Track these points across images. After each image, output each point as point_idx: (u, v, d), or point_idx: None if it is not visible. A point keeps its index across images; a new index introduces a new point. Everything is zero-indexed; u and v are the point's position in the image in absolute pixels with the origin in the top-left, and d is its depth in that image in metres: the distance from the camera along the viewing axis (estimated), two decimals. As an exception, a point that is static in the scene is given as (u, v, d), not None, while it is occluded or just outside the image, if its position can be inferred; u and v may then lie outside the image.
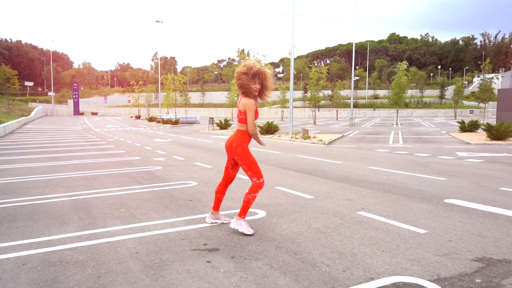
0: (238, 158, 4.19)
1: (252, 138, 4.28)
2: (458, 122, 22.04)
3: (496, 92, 38.23)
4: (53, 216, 5.07)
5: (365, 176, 7.90)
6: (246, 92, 4.15)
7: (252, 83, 4.12)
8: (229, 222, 4.50)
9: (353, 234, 4.16)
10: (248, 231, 4.18)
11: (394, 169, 8.85)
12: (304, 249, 3.74)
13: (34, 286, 3.05)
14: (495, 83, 36.03)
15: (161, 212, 5.17)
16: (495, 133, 15.52)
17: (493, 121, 21.71)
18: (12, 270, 3.35)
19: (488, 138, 15.94)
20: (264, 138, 19.39)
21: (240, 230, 4.20)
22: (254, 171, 4.19)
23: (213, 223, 4.57)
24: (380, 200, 5.71)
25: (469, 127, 20.76)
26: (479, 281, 3.02)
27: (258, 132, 4.48)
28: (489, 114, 47.90)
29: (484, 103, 35.90)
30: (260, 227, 4.46)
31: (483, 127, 16.71)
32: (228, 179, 4.48)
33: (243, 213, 4.25)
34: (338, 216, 4.86)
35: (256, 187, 4.19)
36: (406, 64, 36.13)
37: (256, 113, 4.19)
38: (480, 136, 17.56)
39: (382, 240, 3.96)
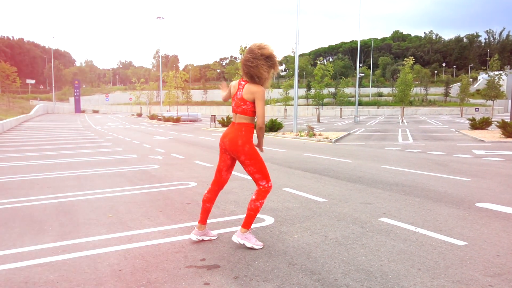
0: (246, 157, 3.43)
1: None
2: (468, 120, 21.28)
3: (503, 89, 37.40)
4: (31, 222, 4.43)
5: (380, 176, 7.23)
6: (257, 77, 3.42)
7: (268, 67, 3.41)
8: (216, 238, 3.77)
9: (379, 247, 3.50)
10: (257, 245, 3.49)
11: (411, 168, 8.17)
12: (323, 266, 3.09)
13: (-15, 317, 2.41)
14: (503, 79, 35.19)
15: (153, 218, 4.52)
16: (511, 130, 14.79)
17: (500, 119, 20.91)
18: (-36, 294, 2.71)
19: (503, 136, 15.21)
20: (268, 135, 18.74)
21: (248, 245, 3.47)
22: (263, 172, 3.49)
23: (199, 240, 3.68)
24: (402, 204, 5.04)
25: (480, 125, 20.02)
26: (552, 314, 2.36)
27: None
28: (495, 111, 47.03)
29: (492, 100, 35.08)
30: (268, 237, 3.80)
31: (497, 123, 15.99)
32: (220, 184, 3.68)
33: (248, 224, 3.50)
34: (358, 224, 4.20)
35: (264, 192, 3.49)
36: (412, 60, 35.31)
37: None
38: (493, 134, 16.83)
39: (415, 255, 3.30)
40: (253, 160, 3.45)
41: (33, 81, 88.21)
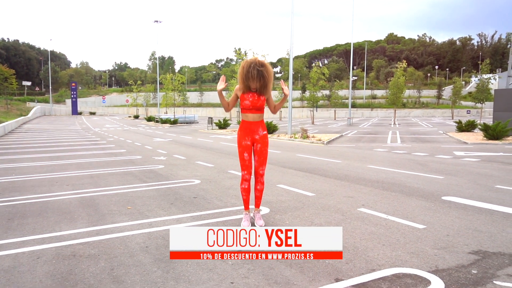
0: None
1: (243, 124, 4.46)
2: (455, 122, 22.25)
3: (493, 92, 38.51)
4: (62, 213, 5.20)
5: (364, 174, 8.06)
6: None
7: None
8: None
9: (354, 230, 4.32)
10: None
11: (393, 167, 9.02)
12: (308, 243, 3.89)
13: (50, 278, 3.19)
14: (492, 83, 36.27)
15: (167, 209, 5.31)
16: (492, 133, 15.73)
17: (490, 121, 21.95)
18: (28, 263, 3.49)
19: (485, 138, 16.14)
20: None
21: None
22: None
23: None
24: (379, 198, 5.87)
25: (466, 127, 20.98)
26: (475, 272, 3.18)
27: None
28: (486, 114, 48.20)
29: (481, 103, 36.16)
30: (264, 223, 4.60)
31: (479, 127, 16.92)
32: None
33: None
34: (340, 213, 5.02)
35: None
36: (405, 64, 36.33)
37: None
38: (477, 136, 17.77)
39: (382, 235, 4.12)
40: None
41: (29, 83, 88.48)
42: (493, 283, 2.97)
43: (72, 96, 66.66)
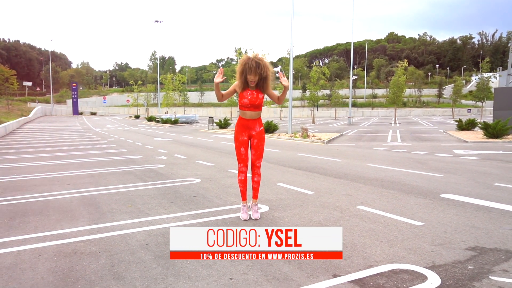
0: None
1: (240, 120, 4.59)
2: (456, 121, 22.27)
3: (493, 91, 38.50)
4: (63, 211, 5.24)
5: (364, 173, 8.09)
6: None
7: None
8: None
9: (353, 227, 4.35)
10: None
11: (392, 166, 9.05)
12: (306, 240, 3.92)
13: (52, 274, 3.23)
14: (492, 82, 36.27)
15: (167, 207, 5.35)
16: (492, 131, 15.75)
17: (490, 120, 21.94)
18: (29, 261, 3.53)
19: (485, 136, 16.16)
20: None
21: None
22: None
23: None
24: (378, 195, 5.90)
25: (466, 126, 20.99)
26: (471, 267, 3.21)
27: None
28: (486, 113, 48.18)
29: (481, 102, 36.17)
30: (263, 220, 4.64)
31: (480, 125, 16.94)
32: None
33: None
34: (338, 210, 5.06)
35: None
36: (406, 63, 36.36)
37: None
38: (477, 135, 17.79)
39: (380, 232, 4.15)
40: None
41: (30, 83, 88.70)
42: (489, 278, 3.01)
43: (73, 96, 66.79)
